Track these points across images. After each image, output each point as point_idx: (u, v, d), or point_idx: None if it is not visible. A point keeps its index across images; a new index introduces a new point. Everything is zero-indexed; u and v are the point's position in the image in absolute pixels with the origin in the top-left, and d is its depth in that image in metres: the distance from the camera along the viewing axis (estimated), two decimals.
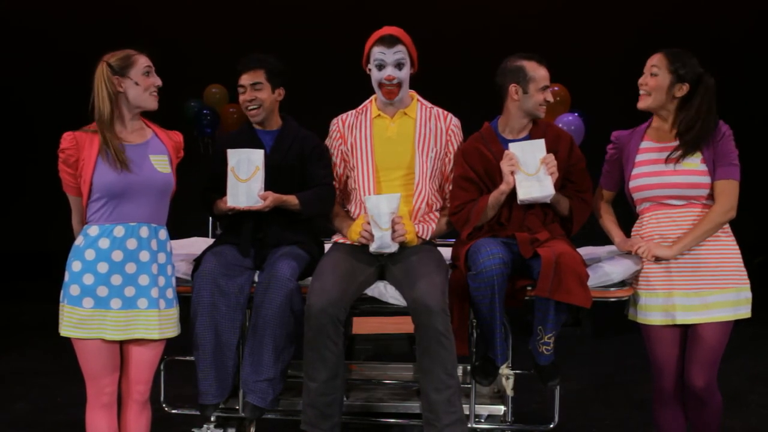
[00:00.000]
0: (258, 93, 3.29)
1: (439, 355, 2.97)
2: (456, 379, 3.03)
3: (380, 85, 3.27)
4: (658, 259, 2.97)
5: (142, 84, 2.78)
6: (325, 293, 3.00)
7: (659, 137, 3.03)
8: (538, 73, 3.16)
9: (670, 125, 3.01)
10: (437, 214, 3.36)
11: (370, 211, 3.10)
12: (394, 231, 3.10)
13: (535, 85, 3.16)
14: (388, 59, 3.23)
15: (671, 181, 2.95)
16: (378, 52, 3.24)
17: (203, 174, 3.41)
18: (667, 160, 2.95)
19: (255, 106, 3.30)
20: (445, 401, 2.99)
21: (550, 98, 3.19)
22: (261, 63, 3.31)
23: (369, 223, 3.12)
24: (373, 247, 3.12)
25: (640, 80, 3.00)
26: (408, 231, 3.15)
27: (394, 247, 3.12)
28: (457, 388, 3.02)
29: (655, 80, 2.96)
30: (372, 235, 3.11)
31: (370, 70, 3.30)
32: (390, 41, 3.23)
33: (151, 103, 2.82)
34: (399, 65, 3.24)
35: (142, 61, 2.80)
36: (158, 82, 2.83)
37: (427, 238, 3.29)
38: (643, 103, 3.01)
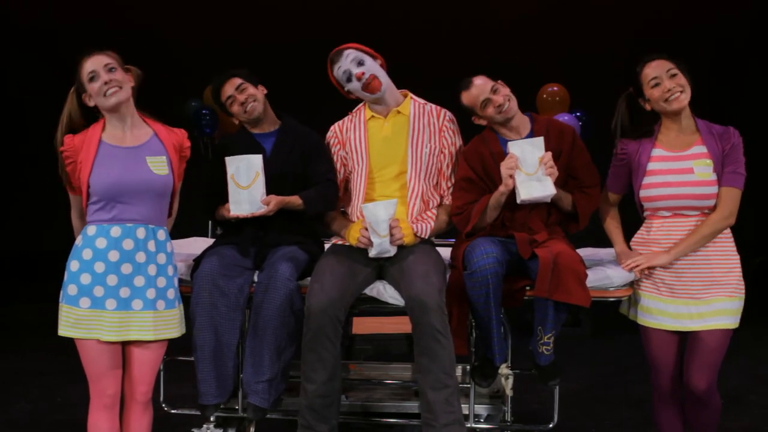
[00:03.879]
0: (246, 94, 3.30)
1: (436, 354, 2.96)
2: (454, 378, 3.02)
3: (362, 88, 3.28)
4: (653, 269, 2.97)
5: (91, 91, 2.76)
6: (325, 293, 3.00)
7: (671, 145, 3.00)
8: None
9: (684, 130, 2.98)
10: (434, 211, 3.35)
11: (367, 219, 3.09)
12: (392, 236, 3.11)
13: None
14: (345, 65, 3.27)
15: (687, 192, 2.93)
16: (337, 69, 3.30)
17: (204, 179, 3.40)
18: (684, 169, 2.93)
19: (252, 101, 3.30)
20: (443, 401, 2.98)
21: (497, 100, 3.14)
22: (233, 73, 3.35)
23: (366, 230, 3.12)
24: (372, 253, 3.13)
25: (667, 85, 2.91)
26: (406, 234, 3.15)
27: (393, 251, 3.13)
28: (455, 387, 3.01)
29: (680, 77, 2.92)
30: (370, 241, 3.11)
31: (348, 92, 3.34)
32: (336, 54, 3.31)
33: (108, 101, 2.75)
34: (359, 62, 3.27)
35: (84, 69, 2.76)
36: (104, 78, 2.72)
37: (426, 236, 3.28)
38: (679, 104, 2.93)
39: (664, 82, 2.92)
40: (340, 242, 3.33)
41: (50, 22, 8.76)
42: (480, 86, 3.17)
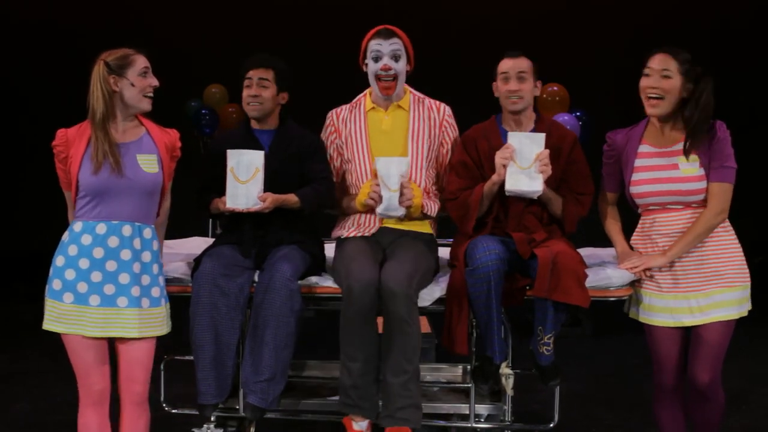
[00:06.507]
0: (263, 91, 3.29)
1: (399, 341, 2.98)
2: (415, 364, 3.03)
3: (377, 77, 3.29)
4: (651, 269, 2.98)
5: (138, 85, 2.77)
6: (366, 273, 3.00)
7: (658, 141, 3.00)
8: (501, 65, 3.19)
9: (670, 127, 2.99)
10: (437, 194, 3.41)
11: (379, 171, 3.13)
12: (402, 195, 3.12)
13: (500, 77, 3.19)
14: (385, 50, 3.26)
15: (672, 188, 2.93)
16: (375, 44, 3.28)
17: (198, 175, 3.39)
18: (669, 165, 2.93)
19: (257, 103, 3.29)
20: (400, 385, 2.99)
21: (514, 87, 3.14)
22: (272, 63, 3.33)
23: (378, 185, 3.14)
24: (380, 209, 3.15)
25: (650, 83, 2.89)
26: (416, 195, 3.18)
27: (400, 211, 3.16)
28: (414, 374, 3.02)
29: (669, 83, 2.88)
30: (380, 197, 3.12)
31: (366, 65, 3.32)
32: (386, 34, 3.28)
33: (145, 105, 2.81)
34: (395, 57, 3.27)
35: (140, 62, 2.79)
36: (154, 82, 2.81)
37: (434, 215, 3.33)
38: (657, 110, 2.90)
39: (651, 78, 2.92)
40: (345, 235, 3.34)
41: (51, 22, 8.76)
42: (512, 63, 3.17)
